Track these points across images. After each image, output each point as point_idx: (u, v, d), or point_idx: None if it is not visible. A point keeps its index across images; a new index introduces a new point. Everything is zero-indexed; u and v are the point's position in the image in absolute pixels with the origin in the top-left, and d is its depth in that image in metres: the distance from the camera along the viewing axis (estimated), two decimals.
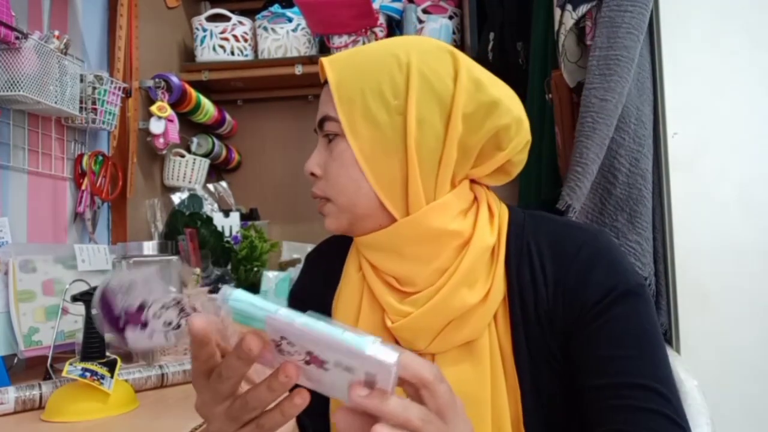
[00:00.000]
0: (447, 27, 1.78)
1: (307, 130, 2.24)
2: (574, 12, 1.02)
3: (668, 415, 0.61)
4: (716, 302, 0.96)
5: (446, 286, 0.65)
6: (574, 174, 0.83)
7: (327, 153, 0.70)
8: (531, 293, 0.66)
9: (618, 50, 0.91)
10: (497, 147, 0.68)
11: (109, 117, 1.39)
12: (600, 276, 0.65)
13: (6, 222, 1.17)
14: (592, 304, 0.64)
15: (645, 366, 0.63)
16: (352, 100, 0.66)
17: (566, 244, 0.67)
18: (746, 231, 0.96)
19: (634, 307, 0.65)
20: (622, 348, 0.64)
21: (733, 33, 0.99)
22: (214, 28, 1.93)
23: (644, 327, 0.65)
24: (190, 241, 1.66)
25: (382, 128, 0.65)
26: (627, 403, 0.62)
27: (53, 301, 1.14)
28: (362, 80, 0.67)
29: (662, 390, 0.62)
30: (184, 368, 1.05)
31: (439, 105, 0.65)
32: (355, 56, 0.70)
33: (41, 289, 1.13)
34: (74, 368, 0.84)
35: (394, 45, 0.69)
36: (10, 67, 1.09)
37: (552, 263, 0.67)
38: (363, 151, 0.66)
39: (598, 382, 0.63)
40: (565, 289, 0.66)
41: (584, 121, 0.88)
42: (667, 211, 0.99)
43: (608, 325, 0.64)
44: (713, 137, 0.98)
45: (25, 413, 0.88)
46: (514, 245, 0.68)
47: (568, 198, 0.81)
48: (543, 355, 0.66)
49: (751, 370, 0.95)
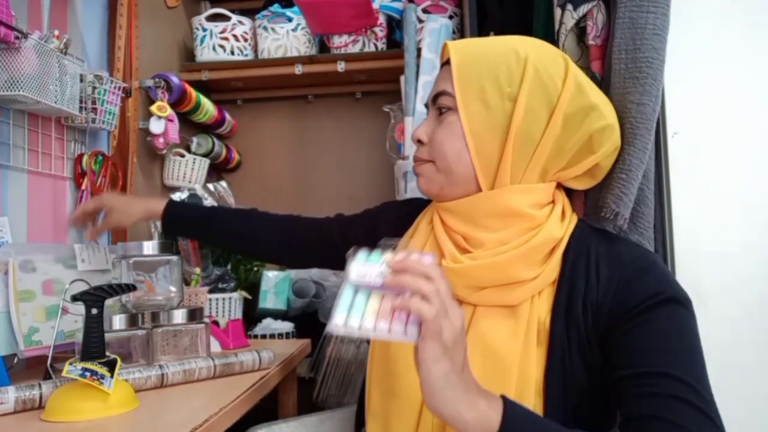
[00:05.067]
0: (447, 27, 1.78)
1: (307, 130, 2.24)
2: (574, 12, 1.02)
3: (699, 408, 0.62)
4: (716, 302, 0.96)
5: (505, 255, 0.72)
6: (620, 181, 0.83)
7: (436, 124, 0.79)
8: (582, 284, 0.71)
9: (647, 52, 0.90)
10: (590, 150, 0.76)
11: (109, 117, 1.39)
12: (650, 281, 0.70)
13: (6, 222, 1.17)
14: (637, 302, 0.68)
15: (679, 361, 0.65)
16: (470, 81, 0.75)
17: (623, 253, 0.73)
18: (746, 231, 0.96)
19: (678, 313, 0.68)
20: (659, 343, 0.66)
21: (734, 33, 0.99)
22: (214, 27, 1.93)
23: (684, 331, 0.67)
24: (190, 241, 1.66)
25: (493, 110, 0.74)
26: (655, 391, 0.64)
27: (53, 301, 1.14)
28: (483, 65, 0.75)
29: (695, 385, 0.63)
30: (184, 368, 1.05)
31: (547, 100, 0.73)
32: (480, 44, 0.78)
33: (41, 289, 1.13)
34: (74, 368, 0.84)
35: (515, 41, 0.77)
36: (10, 67, 1.09)
37: (607, 265, 0.72)
38: (471, 127, 0.74)
39: (630, 371, 0.66)
40: (616, 287, 0.70)
41: (622, 127, 0.86)
42: (667, 211, 0.99)
43: (649, 324, 0.67)
44: (713, 137, 0.98)
45: (25, 413, 0.88)
46: (575, 244, 0.75)
47: (615, 206, 0.81)
48: (577, 341, 0.70)
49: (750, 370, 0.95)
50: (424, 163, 0.80)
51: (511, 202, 0.74)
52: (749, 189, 0.97)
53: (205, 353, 1.15)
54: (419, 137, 0.81)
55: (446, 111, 0.77)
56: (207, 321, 1.18)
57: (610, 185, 0.86)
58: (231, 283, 1.69)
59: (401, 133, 1.64)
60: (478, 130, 0.74)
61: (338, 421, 1.16)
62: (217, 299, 1.64)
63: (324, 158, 2.22)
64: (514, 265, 0.72)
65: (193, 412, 0.85)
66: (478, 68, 0.75)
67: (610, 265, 0.72)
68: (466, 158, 0.75)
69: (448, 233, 0.78)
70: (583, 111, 0.74)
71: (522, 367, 0.69)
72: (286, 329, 1.69)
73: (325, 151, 2.22)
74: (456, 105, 0.75)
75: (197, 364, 1.06)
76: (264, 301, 1.76)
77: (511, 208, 0.73)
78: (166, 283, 1.21)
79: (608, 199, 0.84)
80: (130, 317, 1.08)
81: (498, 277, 0.72)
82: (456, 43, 0.79)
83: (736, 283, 0.96)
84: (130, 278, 1.18)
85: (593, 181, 0.81)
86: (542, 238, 0.73)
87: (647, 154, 0.87)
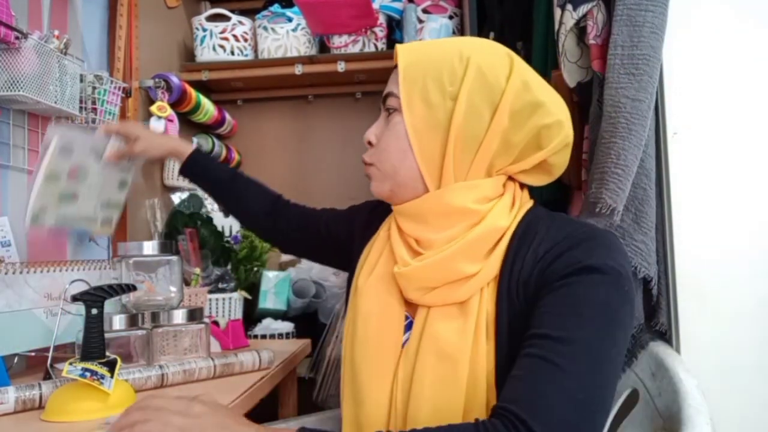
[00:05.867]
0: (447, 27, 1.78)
1: (307, 130, 2.24)
2: (574, 12, 1.02)
3: (558, 365, 0.60)
4: (716, 302, 0.96)
5: (448, 251, 0.72)
6: (615, 176, 0.82)
7: (384, 125, 0.80)
8: (519, 268, 0.71)
9: (644, 50, 0.90)
10: (538, 146, 0.75)
11: (109, 117, 1.39)
12: (577, 252, 0.68)
13: (6, 222, 1.17)
14: (560, 272, 0.67)
15: (568, 324, 0.63)
16: (414, 81, 0.75)
17: (566, 231, 0.72)
18: (746, 231, 0.96)
19: (594, 281, 0.65)
20: (560, 307, 0.65)
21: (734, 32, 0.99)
22: (214, 27, 1.93)
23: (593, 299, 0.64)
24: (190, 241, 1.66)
25: (435, 109, 0.74)
26: (530, 351, 0.63)
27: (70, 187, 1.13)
28: (427, 65, 0.75)
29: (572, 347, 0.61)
30: (184, 368, 1.05)
31: (489, 98, 0.73)
32: (426, 46, 0.79)
33: (67, 174, 1.12)
34: (74, 368, 0.84)
35: (461, 42, 0.78)
36: (10, 67, 1.09)
37: (546, 243, 0.71)
38: (414, 126, 0.75)
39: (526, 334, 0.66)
40: (544, 260, 0.69)
41: (617, 122, 0.86)
42: (667, 211, 0.99)
43: (560, 289, 0.66)
44: (713, 137, 0.98)
45: (25, 413, 0.88)
46: (522, 230, 0.74)
47: (611, 201, 0.81)
48: (518, 324, 0.69)
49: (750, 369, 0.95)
50: (370, 166, 0.82)
51: (454, 200, 0.74)
52: (749, 189, 0.97)
53: (205, 353, 1.15)
54: (369, 138, 0.82)
55: (392, 112, 0.78)
56: (207, 321, 1.18)
57: (605, 180, 0.86)
58: (231, 283, 1.69)
59: None
60: (421, 129, 0.75)
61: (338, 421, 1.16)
62: (217, 299, 1.64)
63: (324, 158, 2.22)
64: (458, 259, 0.72)
65: None
66: (422, 68, 0.75)
67: (549, 243, 0.70)
68: (410, 159, 0.76)
69: (402, 237, 0.79)
70: (530, 107, 0.73)
71: (473, 363, 0.69)
72: (286, 329, 1.70)
73: (325, 151, 2.22)
74: (401, 106, 0.76)
75: (197, 364, 1.07)
76: (264, 301, 1.77)
77: (456, 206, 0.74)
78: (166, 283, 1.21)
79: (603, 194, 0.84)
80: (130, 317, 1.08)
81: (445, 275, 0.72)
82: (404, 46, 0.79)
83: (736, 283, 0.96)
84: (130, 278, 1.18)
85: (549, 178, 0.80)
86: (483, 229, 0.72)
87: (641, 149, 0.87)
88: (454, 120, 0.73)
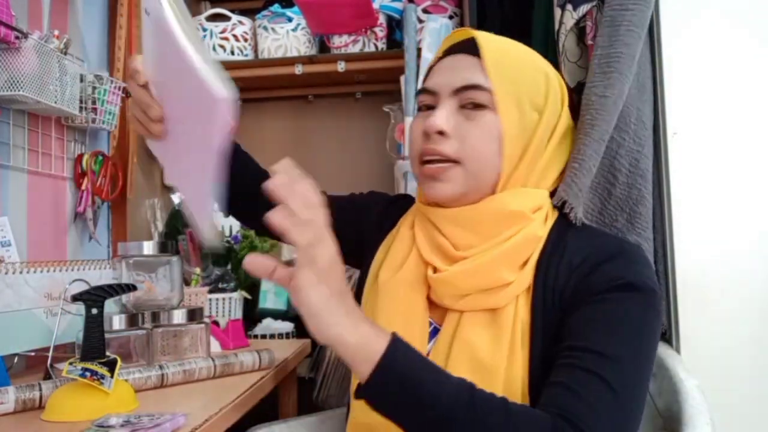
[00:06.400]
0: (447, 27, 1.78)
1: (307, 130, 2.24)
2: (574, 12, 1.02)
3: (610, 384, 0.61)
4: (716, 302, 0.96)
5: (489, 256, 0.71)
6: (571, 170, 0.82)
7: (461, 118, 0.74)
8: (553, 276, 0.71)
9: (618, 47, 0.90)
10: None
11: (109, 117, 1.39)
12: (614, 267, 0.69)
13: (6, 221, 1.17)
14: (597, 286, 0.68)
15: (609, 341, 0.64)
16: (509, 83, 0.73)
17: (597, 243, 0.73)
18: (746, 231, 0.96)
19: (632, 299, 0.67)
20: (598, 323, 0.66)
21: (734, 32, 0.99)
22: (214, 27, 1.93)
23: (630, 319, 0.66)
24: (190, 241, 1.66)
25: (524, 116, 0.74)
26: (573, 362, 0.63)
27: None
28: (521, 72, 0.75)
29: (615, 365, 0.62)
30: (184, 368, 1.05)
31: (555, 118, 0.77)
32: (511, 48, 0.78)
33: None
34: (74, 368, 0.84)
35: (536, 55, 0.80)
36: (10, 67, 1.09)
37: (579, 254, 0.71)
38: (509, 131, 0.73)
39: (563, 344, 0.66)
40: (581, 272, 0.70)
41: (584, 119, 0.88)
42: (667, 211, 0.99)
43: (598, 304, 0.67)
44: (713, 137, 0.98)
45: (25, 413, 0.88)
46: (553, 240, 0.74)
47: (564, 194, 0.80)
48: (552, 332, 0.69)
49: (751, 369, 0.95)
50: (445, 163, 0.73)
51: (512, 204, 0.73)
52: (749, 189, 0.97)
53: (205, 353, 1.15)
54: (441, 127, 0.73)
55: (480, 108, 0.73)
56: (207, 321, 1.18)
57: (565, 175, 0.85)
58: (231, 283, 1.69)
59: (401, 133, 1.64)
60: (513, 134, 0.73)
61: (338, 421, 1.16)
62: (217, 299, 1.64)
63: (324, 158, 2.22)
64: (499, 265, 0.71)
65: (193, 412, 0.85)
66: (514, 72, 0.74)
67: (582, 253, 0.71)
68: (496, 162, 0.73)
69: (437, 240, 0.75)
70: (568, 131, 0.80)
71: (508, 371, 0.68)
72: (286, 329, 1.69)
73: (325, 151, 2.22)
74: (492, 103, 0.73)
75: (197, 364, 1.06)
76: (264, 301, 1.76)
77: (513, 210, 0.73)
78: (166, 283, 1.21)
79: (560, 188, 0.83)
80: (130, 317, 1.08)
81: (484, 281, 0.71)
82: (486, 36, 0.76)
83: (736, 282, 0.96)
84: (130, 278, 1.18)
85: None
86: (524, 237, 0.72)
87: (603, 145, 0.87)
88: (537, 132, 0.75)
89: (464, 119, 0.73)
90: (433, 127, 0.73)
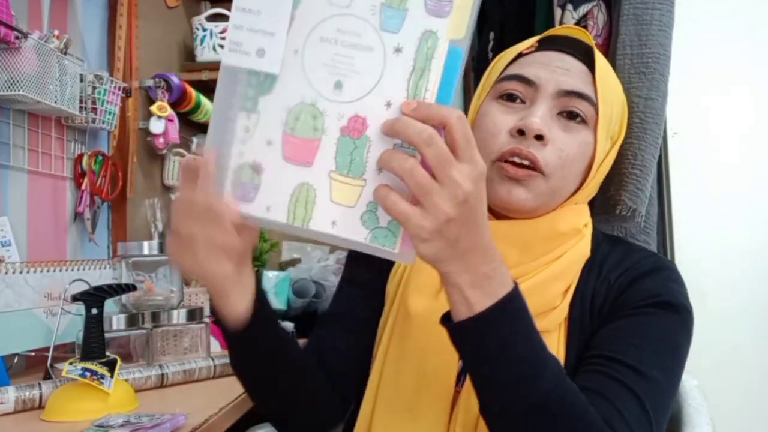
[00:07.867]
0: None
1: None
2: (574, 12, 1.02)
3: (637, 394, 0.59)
4: (716, 302, 0.96)
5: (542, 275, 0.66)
6: (632, 177, 0.81)
7: (557, 126, 0.67)
8: (590, 295, 0.68)
9: (654, 48, 0.89)
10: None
11: (109, 117, 1.39)
12: (652, 284, 0.67)
13: (6, 221, 1.17)
14: (634, 301, 0.66)
15: (641, 356, 0.62)
16: (609, 106, 0.69)
17: (633, 257, 0.71)
18: (746, 231, 0.96)
19: (667, 318, 0.66)
20: (631, 336, 0.64)
21: (734, 33, 0.99)
22: (214, 27, 1.93)
23: (665, 336, 0.65)
24: None
25: (606, 143, 0.71)
26: (602, 370, 0.62)
27: None
28: (616, 96, 0.71)
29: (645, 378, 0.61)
30: (184, 368, 1.05)
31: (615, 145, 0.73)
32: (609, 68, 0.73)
33: None
34: (74, 368, 0.84)
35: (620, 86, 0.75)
36: (10, 67, 1.09)
37: (616, 269, 0.69)
38: (599, 156, 0.69)
39: (593, 352, 0.64)
40: (619, 287, 0.68)
41: (631, 122, 0.85)
42: (667, 210, 0.99)
43: (632, 318, 0.65)
44: (713, 137, 0.98)
45: (25, 413, 0.88)
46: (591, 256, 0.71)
47: (632, 203, 0.79)
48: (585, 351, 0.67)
49: (750, 369, 0.95)
50: (533, 171, 0.65)
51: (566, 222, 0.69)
52: (749, 189, 0.97)
53: (205, 353, 1.15)
54: (543, 132, 0.64)
55: (581, 122, 0.67)
56: (207, 321, 1.18)
57: (623, 182, 0.84)
58: None
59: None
60: (599, 160, 0.70)
61: None
62: None
63: None
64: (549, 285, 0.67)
65: (193, 412, 0.85)
66: (612, 95, 0.70)
67: (618, 268, 0.70)
68: (575, 184, 0.69)
69: None
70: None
71: None
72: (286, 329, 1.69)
73: None
74: (592, 121, 0.67)
75: (197, 364, 1.06)
76: None
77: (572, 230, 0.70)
78: (166, 283, 1.21)
79: (623, 196, 0.82)
80: (130, 317, 1.08)
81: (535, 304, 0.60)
82: (600, 57, 0.71)
83: (736, 282, 0.96)
84: (130, 278, 1.18)
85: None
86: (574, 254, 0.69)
87: (658, 148, 0.86)
88: (606, 159, 0.72)
89: (561, 129, 0.66)
90: (533, 130, 0.64)
